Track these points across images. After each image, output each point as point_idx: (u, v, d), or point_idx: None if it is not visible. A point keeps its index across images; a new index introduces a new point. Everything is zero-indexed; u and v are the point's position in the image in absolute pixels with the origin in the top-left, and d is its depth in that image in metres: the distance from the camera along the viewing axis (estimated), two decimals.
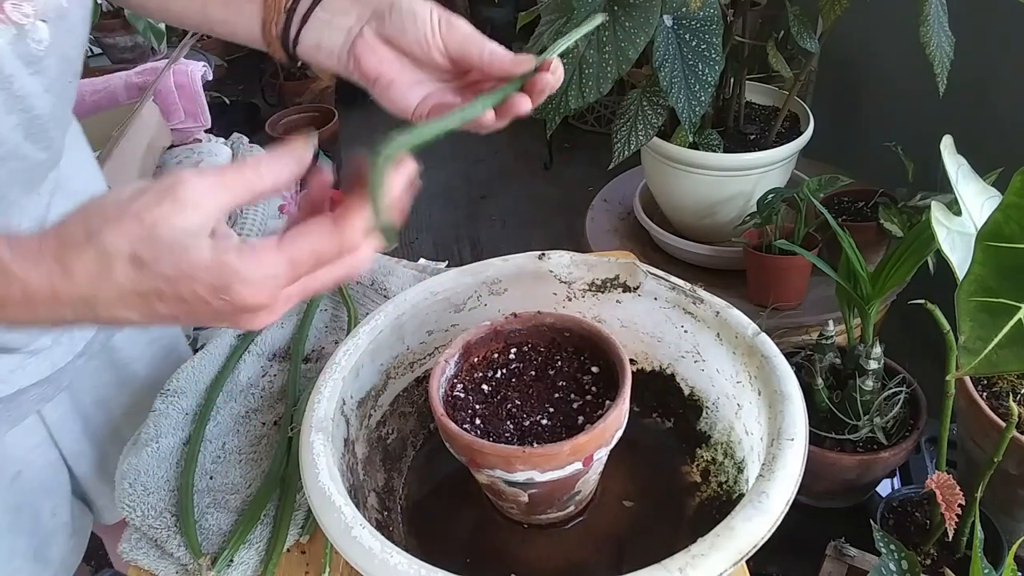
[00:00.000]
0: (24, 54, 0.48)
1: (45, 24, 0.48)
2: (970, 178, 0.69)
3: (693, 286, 0.60)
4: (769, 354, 0.53)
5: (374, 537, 0.43)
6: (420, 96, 0.50)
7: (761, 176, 1.29)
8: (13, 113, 0.49)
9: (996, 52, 1.25)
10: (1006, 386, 0.96)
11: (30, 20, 0.47)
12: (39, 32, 0.48)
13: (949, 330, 0.76)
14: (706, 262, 1.41)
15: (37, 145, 0.53)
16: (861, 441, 1.03)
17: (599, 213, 1.62)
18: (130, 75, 1.76)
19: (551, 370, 0.56)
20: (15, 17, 0.46)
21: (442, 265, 0.84)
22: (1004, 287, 0.53)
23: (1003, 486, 0.90)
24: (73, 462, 0.73)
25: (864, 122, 1.69)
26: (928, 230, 0.88)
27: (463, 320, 0.65)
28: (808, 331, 1.29)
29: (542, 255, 0.64)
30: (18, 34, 0.47)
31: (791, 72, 1.30)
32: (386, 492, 0.60)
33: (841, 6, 1.09)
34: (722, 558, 0.40)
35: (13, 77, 0.48)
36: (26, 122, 0.50)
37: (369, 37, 0.49)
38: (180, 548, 0.58)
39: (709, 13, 1.13)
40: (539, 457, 0.47)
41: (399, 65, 0.50)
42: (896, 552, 0.75)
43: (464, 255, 2.41)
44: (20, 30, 0.47)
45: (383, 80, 0.50)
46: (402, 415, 0.65)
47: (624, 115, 1.23)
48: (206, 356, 0.75)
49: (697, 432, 0.62)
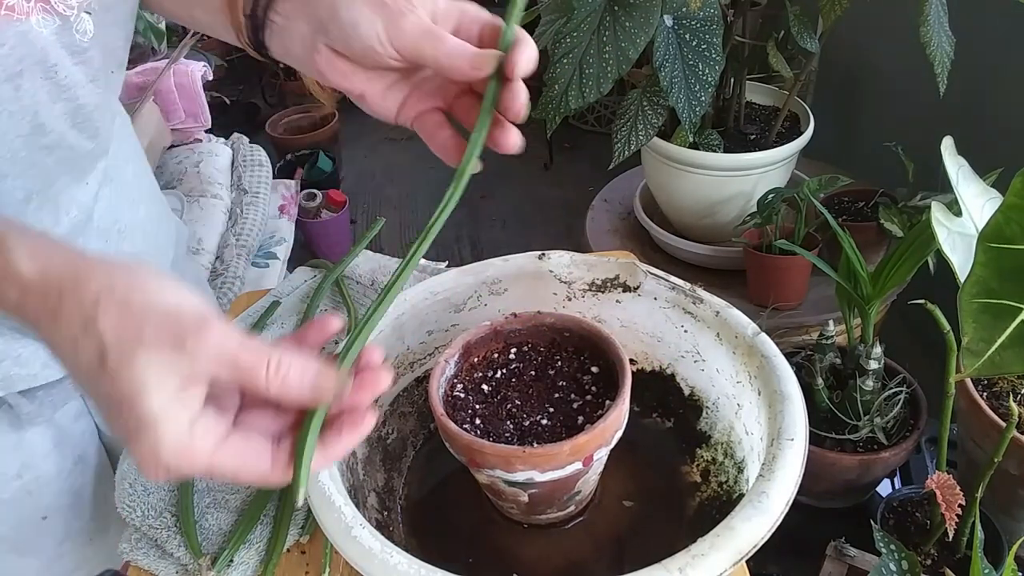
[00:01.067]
0: (69, 44, 0.49)
1: (89, 16, 0.49)
2: (971, 179, 0.70)
3: (693, 286, 0.60)
4: (769, 354, 0.53)
5: (374, 537, 0.43)
6: (397, 101, 0.48)
7: (761, 176, 1.29)
8: (59, 102, 0.50)
9: (996, 52, 1.25)
10: (1006, 386, 0.96)
11: (74, 12, 0.48)
12: (83, 23, 0.49)
13: (949, 330, 0.76)
14: (706, 262, 1.41)
15: (83, 134, 0.54)
16: (861, 441, 1.03)
17: (599, 213, 1.62)
18: (130, 75, 1.76)
19: (551, 370, 0.56)
20: (60, 8, 0.47)
21: (442, 265, 0.84)
22: (1006, 289, 0.53)
23: (1003, 486, 0.90)
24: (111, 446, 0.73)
25: (864, 122, 1.69)
26: (928, 230, 0.88)
27: (463, 320, 0.65)
28: (808, 331, 1.29)
29: (542, 255, 0.64)
30: (62, 24, 0.48)
31: (791, 72, 1.30)
32: (386, 492, 0.60)
33: (841, 6, 1.09)
34: (722, 558, 0.40)
35: (58, 66, 0.49)
36: (72, 111, 0.51)
37: (324, 51, 0.46)
38: (180, 548, 0.58)
39: (709, 13, 1.13)
40: (539, 457, 0.47)
41: (363, 76, 0.47)
42: (896, 552, 0.75)
43: (464, 255, 2.41)
44: (65, 21, 0.48)
45: (353, 94, 0.47)
46: (402, 415, 0.65)
47: (624, 115, 1.23)
48: None
49: (697, 432, 0.62)
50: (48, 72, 0.48)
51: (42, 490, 0.65)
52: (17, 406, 0.60)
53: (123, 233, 0.65)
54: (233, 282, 1.66)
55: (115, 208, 0.64)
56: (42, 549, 0.67)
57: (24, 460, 0.63)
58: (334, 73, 0.46)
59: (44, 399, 0.62)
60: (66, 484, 0.67)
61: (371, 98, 0.47)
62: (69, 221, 0.57)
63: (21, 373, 0.58)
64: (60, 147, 0.52)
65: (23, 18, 0.45)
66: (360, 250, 0.88)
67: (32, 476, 0.64)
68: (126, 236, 0.65)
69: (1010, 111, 1.25)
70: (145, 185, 0.72)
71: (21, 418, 0.61)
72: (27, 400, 0.60)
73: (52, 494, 0.66)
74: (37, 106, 0.49)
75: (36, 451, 0.64)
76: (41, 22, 0.46)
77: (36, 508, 0.65)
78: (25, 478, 0.63)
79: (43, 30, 0.47)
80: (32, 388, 0.60)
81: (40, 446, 0.64)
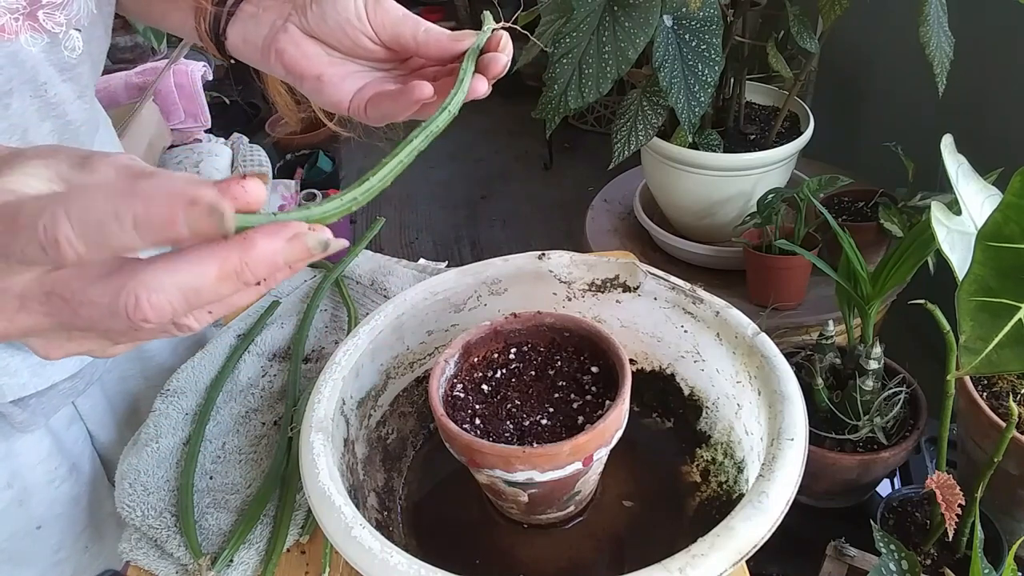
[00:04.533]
0: (58, 61, 0.48)
1: (79, 33, 0.48)
2: (970, 177, 0.69)
3: (693, 286, 0.60)
4: (769, 354, 0.53)
5: (374, 537, 0.43)
6: (355, 87, 0.47)
7: (761, 176, 1.29)
8: (47, 120, 0.49)
9: (996, 52, 1.25)
10: (1006, 386, 0.96)
11: (63, 28, 0.47)
12: (72, 40, 0.48)
13: (949, 330, 0.76)
14: (706, 262, 1.41)
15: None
16: (861, 441, 1.03)
17: (599, 213, 1.62)
18: (130, 75, 1.76)
19: (551, 370, 0.56)
20: (48, 25, 0.46)
21: (442, 265, 0.85)
22: (1004, 287, 0.53)
23: (1003, 486, 0.90)
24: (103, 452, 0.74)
25: (864, 122, 1.69)
26: (928, 230, 0.88)
27: (463, 320, 0.65)
28: (808, 331, 1.29)
29: (542, 255, 0.64)
30: (51, 42, 0.47)
31: (791, 72, 1.30)
32: (386, 492, 0.60)
33: (841, 6, 1.10)
34: (722, 558, 0.40)
35: (47, 85, 0.48)
36: (60, 128, 0.51)
37: (293, 31, 0.46)
38: (180, 548, 0.58)
39: (709, 13, 1.13)
40: (539, 457, 0.47)
41: (327, 59, 0.46)
42: (896, 552, 0.75)
43: (464, 255, 2.41)
44: (54, 38, 0.47)
45: (310, 75, 0.47)
46: (402, 415, 0.65)
47: (624, 115, 1.23)
48: (206, 356, 0.75)
49: (697, 432, 0.62)
50: (38, 90, 0.48)
51: (32, 499, 0.64)
52: (10, 415, 0.60)
53: None
54: None
55: None
56: (38, 559, 0.67)
57: (13, 469, 0.62)
58: (295, 51, 0.46)
59: (36, 407, 0.61)
60: (59, 492, 0.66)
61: (328, 80, 0.46)
62: None
63: (11, 383, 0.58)
64: None
65: (12, 37, 0.45)
66: (360, 250, 0.88)
67: (21, 486, 0.63)
68: None
69: (1010, 111, 1.25)
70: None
71: (15, 427, 0.61)
72: (19, 409, 0.60)
73: (45, 503, 0.65)
74: (27, 124, 0.48)
75: (26, 460, 0.63)
76: (30, 40, 0.46)
77: (29, 518, 0.65)
78: (15, 487, 0.63)
79: (32, 48, 0.46)
80: (24, 397, 0.59)
81: (32, 455, 0.63)
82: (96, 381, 0.69)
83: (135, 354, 0.75)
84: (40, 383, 0.60)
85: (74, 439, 0.68)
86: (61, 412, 0.66)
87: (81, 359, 0.64)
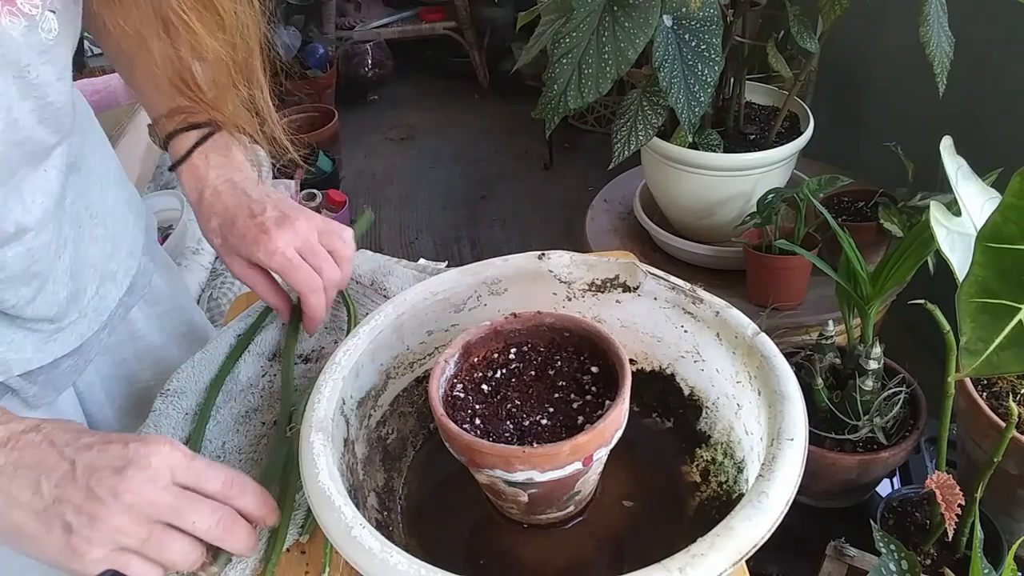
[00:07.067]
0: (36, 43, 0.49)
1: (54, 14, 0.50)
2: (970, 178, 0.69)
3: (693, 286, 0.60)
4: (769, 354, 0.53)
5: (374, 537, 0.43)
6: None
7: (761, 176, 1.29)
8: (29, 99, 0.51)
9: (996, 52, 1.25)
10: (1006, 386, 0.96)
11: (39, 10, 0.49)
12: (48, 22, 0.50)
13: (949, 330, 0.76)
14: (706, 262, 1.41)
15: (49, 129, 0.55)
16: (861, 441, 1.03)
17: (599, 213, 1.62)
18: None
19: (551, 370, 0.56)
20: (26, 9, 0.48)
21: (442, 265, 0.85)
22: (1004, 288, 0.53)
23: (1003, 486, 0.91)
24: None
25: (864, 122, 1.69)
26: (928, 230, 0.88)
27: (463, 320, 0.65)
28: (808, 331, 1.29)
29: (542, 255, 0.64)
30: (29, 25, 0.48)
31: (791, 72, 1.30)
32: (386, 492, 0.60)
33: (841, 6, 1.10)
34: (722, 558, 0.40)
35: (29, 67, 0.50)
36: (40, 108, 0.52)
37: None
38: None
39: (709, 13, 1.13)
40: (539, 457, 0.47)
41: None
42: (896, 552, 0.75)
43: (464, 255, 2.42)
44: (31, 21, 0.48)
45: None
46: (402, 415, 0.65)
47: (624, 115, 1.23)
48: (206, 356, 0.75)
49: (697, 432, 0.62)
50: (21, 72, 0.49)
51: None
52: (21, 390, 0.62)
53: (95, 219, 0.68)
54: (233, 282, 1.65)
55: (84, 195, 0.67)
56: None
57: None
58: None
59: (45, 382, 0.64)
60: None
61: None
62: (39, 208, 0.58)
63: (17, 358, 0.60)
64: (28, 142, 0.53)
65: None
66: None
67: None
68: (98, 221, 0.68)
69: (1010, 111, 1.25)
70: (112, 170, 0.75)
71: (27, 402, 0.63)
72: (28, 383, 0.62)
73: None
74: (10, 103, 0.50)
75: None
76: (9, 24, 0.47)
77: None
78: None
79: (12, 32, 0.47)
80: (30, 371, 0.62)
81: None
82: (95, 358, 0.72)
83: (127, 336, 0.78)
84: (43, 358, 0.63)
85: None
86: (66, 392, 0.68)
87: (80, 334, 0.67)
